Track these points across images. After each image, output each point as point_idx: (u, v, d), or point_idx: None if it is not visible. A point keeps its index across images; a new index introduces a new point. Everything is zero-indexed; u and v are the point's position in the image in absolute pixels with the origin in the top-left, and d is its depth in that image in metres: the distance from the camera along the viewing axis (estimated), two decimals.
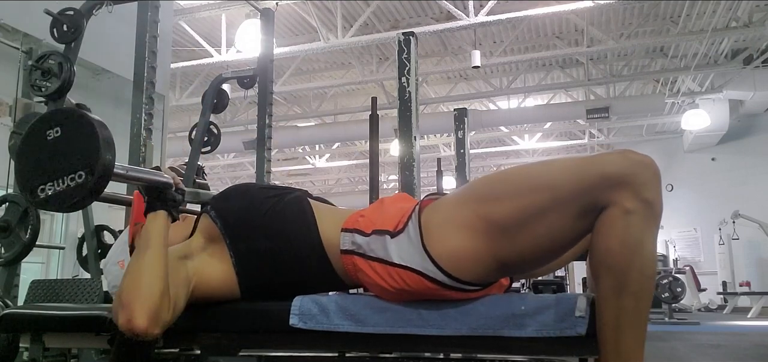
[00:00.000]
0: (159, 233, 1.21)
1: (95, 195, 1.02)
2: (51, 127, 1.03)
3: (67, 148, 1.01)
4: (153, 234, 1.21)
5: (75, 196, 1.00)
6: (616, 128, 12.40)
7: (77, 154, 1.01)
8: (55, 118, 1.05)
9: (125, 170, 1.16)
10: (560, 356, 1.09)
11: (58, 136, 1.03)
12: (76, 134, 1.02)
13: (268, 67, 2.92)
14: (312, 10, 7.23)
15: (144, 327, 1.08)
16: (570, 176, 1.03)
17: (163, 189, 1.26)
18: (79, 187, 1.00)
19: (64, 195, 1.00)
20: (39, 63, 2.26)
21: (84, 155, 1.00)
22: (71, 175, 1.00)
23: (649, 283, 0.98)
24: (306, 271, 1.26)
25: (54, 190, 1.01)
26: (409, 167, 2.41)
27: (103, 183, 1.01)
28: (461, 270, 1.09)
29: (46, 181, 1.01)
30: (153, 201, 1.26)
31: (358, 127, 10.04)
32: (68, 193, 1.00)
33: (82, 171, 0.99)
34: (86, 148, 1.00)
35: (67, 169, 1.00)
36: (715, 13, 7.24)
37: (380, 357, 1.26)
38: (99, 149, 1.00)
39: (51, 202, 1.01)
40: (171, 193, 1.28)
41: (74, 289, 2.33)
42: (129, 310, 1.08)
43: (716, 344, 5.38)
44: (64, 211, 1.03)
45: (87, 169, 0.99)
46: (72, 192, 1.00)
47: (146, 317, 1.08)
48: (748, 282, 10.68)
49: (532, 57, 8.59)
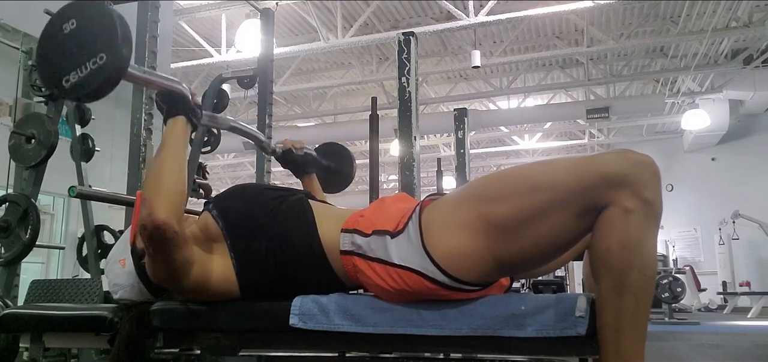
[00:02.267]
0: (178, 136, 1.24)
1: (116, 76, 1.04)
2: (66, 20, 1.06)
3: (85, 37, 1.05)
4: (172, 137, 1.23)
5: (98, 79, 1.03)
6: (616, 128, 12.40)
7: (95, 40, 1.04)
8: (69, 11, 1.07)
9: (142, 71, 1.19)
10: (560, 356, 1.09)
11: (74, 27, 1.06)
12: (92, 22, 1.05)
13: (268, 67, 2.92)
14: (312, 10, 7.23)
15: (164, 218, 1.12)
16: (569, 176, 1.03)
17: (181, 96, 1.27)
18: (100, 69, 1.03)
19: (88, 80, 1.03)
20: None
21: (102, 39, 1.03)
22: (93, 58, 1.03)
23: (649, 283, 0.98)
24: (305, 272, 1.26)
25: (78, 77, 1.04)
26: (409, 167, 2.41)
27: (121, 65, 1.04)
28: (461, 271, 1.09)
29: (70, 69, 1.04)
30: (172, 106, 1.27)
31: (358, 127, 10.03)
32: (91, 77, 1.03)
33: (102, 53, 1.02)
34: (103, 32, 1.04)
35: (87, 55, 1.03)
36: (715, 13, 7.24)
37: (380, 357, 1.26)
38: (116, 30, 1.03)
39: (77, 89, 1.04)
40: (190, 102, 1.28)
41: (74, 289, 2.32)
42: (149, 204, 1.13)
43: (716, 344, 5.38)
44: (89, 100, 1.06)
45: (106, 49, 1.02)
46: (95, 76, 1.03)
47: (165, 209, 1.13)
48: (748, 282, 10.68)
49: (532, 57, 8.59)
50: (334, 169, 2.00)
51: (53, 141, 2.19)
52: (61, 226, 6.10)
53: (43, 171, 2.23)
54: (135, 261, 1.32)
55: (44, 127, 2.19)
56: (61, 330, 1.51)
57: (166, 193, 1.15)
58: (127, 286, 1.34)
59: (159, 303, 1.33)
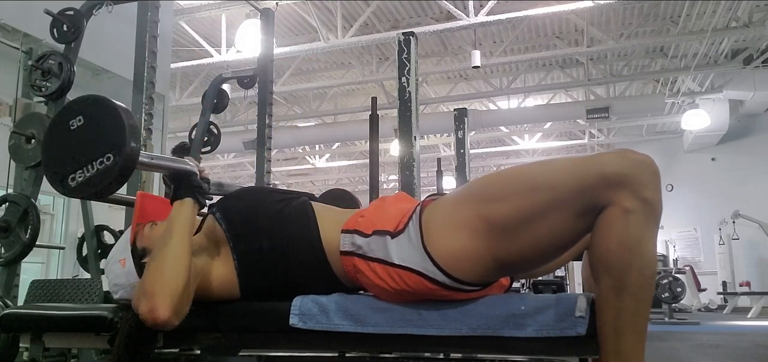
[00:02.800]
0: (185, 221, 1.21)
1: (124, 176, 1.04)
2: (73, 116, 1.06)
3: (93, 135, 1.04)
4: (179, 222, 1.20)
5: (104, 180, 1.02)
6: (616, 128, 12.39)
7: (103, 139, 1.03)
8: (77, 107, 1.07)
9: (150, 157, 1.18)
10: (560, 356, 1.09)
11: (82, 124, 1.05)
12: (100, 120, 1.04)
13: (268, 67, 2.92)
14: (312, 10, 7.23)
15: (166, 318, 1.09)
16: (569, 176, 1.03)
17: (188, 176, 1.26)
18: (107, 170, 1.02)
19: (94, 179, 1.03)
20: (39, 63, 2.26)
21: (110, 138, 1.02)
22: (100, 159, 1.02)
23: (648, 283, 0.98)
24: (306, 273, 1.26)
25: (84, 176, 1.03)
26: (409, 167, 2.41)
27: (130, 164, 1.03)
28: (461, 271, 1.09)
29: (76, 168, 1.04)
30: (179, 188, 1.25)
31: (358, 127, 10.03)
32: (98, 177, 1.02)
33: (110, 153, 1.02)
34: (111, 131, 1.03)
35: (94, 154, 1.03)
36: (715, 13, 7.24)
37: (380, 357, 1.26)
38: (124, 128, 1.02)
39: (83, 188, 1.03)
40: (197, 180, 1.27)
41: (74, 289, 2.32)
42: (152, 300, 1.09)
43: (716, 344, 5.38)
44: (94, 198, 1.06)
45: (114, 150, 1.02)
46: (101, 176, 1.02)
47: (169, 308, 1.09)
48: (748, 282, 10.68)
49: (532, 57, 8.58)
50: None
51: None
52: (61, 226, 6.10)
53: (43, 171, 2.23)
54: (135, 261, 1.32)
55: (44, 126, 2.19)
56: (61, 330, 1.51)
57: (170, 291, 1.10)
58: (127, 286, 1.34)
59: None
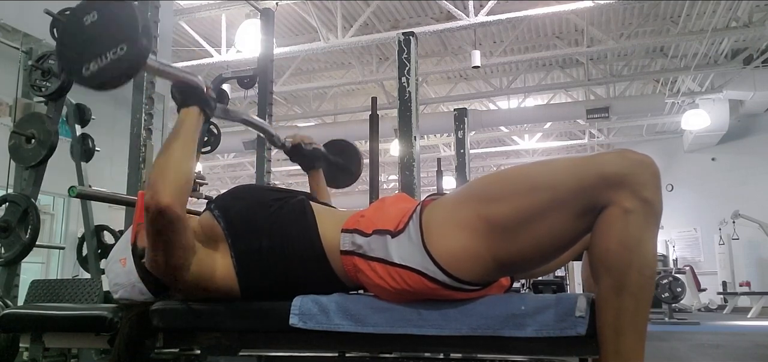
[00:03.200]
0: (190, 127, 1.26)
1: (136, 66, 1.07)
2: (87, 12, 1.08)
3: (106, 28, 1.06)
4: (184, 127, 1.25)
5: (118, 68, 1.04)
6: (616, 128, 12.40)
7: (116, 31, 1.05)
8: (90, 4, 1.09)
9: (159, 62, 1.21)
10: (560, 356, 1.09)
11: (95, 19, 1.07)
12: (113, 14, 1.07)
13: (268, 67, 2.91)
14: (312, 10, 7.23)
15: (167, 202, 1.13)
16: (569, 176, 1.03)
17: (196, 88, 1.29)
18: (121, 59, 1.04)
19: (108, 69, 1.05)
20: (39, 63, 2.26)
21: (123, 30, 1.05)
22: (113, 49, 1.04)
23: (648, 283, 0.98)
24: (306, 273, 1.26)
25: (97, 66, 1.05)
26: (409, 167, 2.41)
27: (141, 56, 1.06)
28: (462, 270, 1.09)
29: (90, 59, 1.06)
30: (186, 97, 1.28)
31: (358, 127, 10.02)
32: (111, 67, 1.04)
33: (123, 43, 1.04)
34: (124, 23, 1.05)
35: (108, 45, 1.05)
36: (715, 13, 7.24)
37: (380, 357, 1.26)
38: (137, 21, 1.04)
39: (96, 77, 1.05)
40: (204, 94, 1.30)
41: (74, 289, 2.32)
42: (154, 188, 1.15)
43: (716, 344, 5.38)
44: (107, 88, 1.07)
45: (127, 40, 1.04)
46: (115, 65, 1.04)
47: (170, 194, 1.14)
48: (748, 282, 10.68)
49: (532, 57, 8.59)
50: (342, 165, 2.02)
51: (53, 141, 2.19)
52: (61, 226, 6.10)
53: (43, 171, 2.23)
54: (135, 261, 1.32)
55: (44, 127, 2.19)
56: (61, 330, 1.51)
57: (172, 179, 1.16)
58: (128, 286, 1.34)
59: (159, 303, 1.33)
